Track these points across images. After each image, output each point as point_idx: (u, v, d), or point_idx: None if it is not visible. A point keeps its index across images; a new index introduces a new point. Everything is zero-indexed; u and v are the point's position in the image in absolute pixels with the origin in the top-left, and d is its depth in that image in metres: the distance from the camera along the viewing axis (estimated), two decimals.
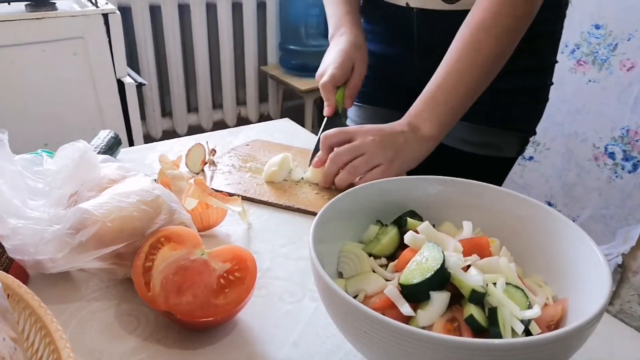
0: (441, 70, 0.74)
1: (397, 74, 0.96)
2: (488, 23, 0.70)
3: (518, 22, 0.71)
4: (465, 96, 0.74)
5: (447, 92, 0.74)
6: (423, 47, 0.90)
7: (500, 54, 0.73)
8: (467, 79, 0.73)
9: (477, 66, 0.72)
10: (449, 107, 0.74)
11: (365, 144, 0.72)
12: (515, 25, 0.71)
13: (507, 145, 0.92)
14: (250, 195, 0.78)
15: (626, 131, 1.77)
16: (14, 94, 1.55)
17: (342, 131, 0.74)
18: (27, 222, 0.53)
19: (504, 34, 0.71)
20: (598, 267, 0.44)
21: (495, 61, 0.73)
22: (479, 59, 0.72)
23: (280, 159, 0.83)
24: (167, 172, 0.70)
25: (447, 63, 0.74)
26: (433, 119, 0.74)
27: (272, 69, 2.66)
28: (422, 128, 0.74)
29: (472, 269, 0.45)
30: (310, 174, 0.82)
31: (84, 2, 1.69)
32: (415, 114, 0.75)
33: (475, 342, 0.36)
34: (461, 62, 0.72)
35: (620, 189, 1.83)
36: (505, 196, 0.54)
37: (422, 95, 0.76)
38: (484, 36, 0.71)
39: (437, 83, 0.74)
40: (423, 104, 0.75)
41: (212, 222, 0.69)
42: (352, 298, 0.39)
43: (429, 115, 0.74)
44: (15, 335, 0.36)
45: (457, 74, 0.73)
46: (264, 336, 0.53)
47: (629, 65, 1.72)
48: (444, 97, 0.74)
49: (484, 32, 0.71)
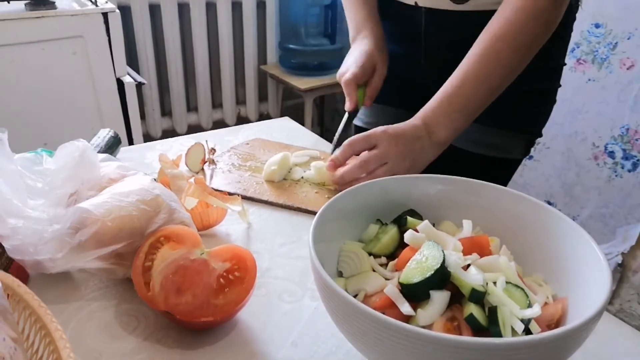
0: (459, 75, 0.75)
1: (405, 73, 0.96)
2: (510, 36, 0.72)
3: (539, 38, 0.73)
4: (481, 104, 0.75)
5: (465, 98, 0.74)
6: (431, 46, 0.90)
7: (518, 65, 0.74)
8: (485, 87, 0.74)
9: (495, 76, 0.74)
10: (465, 113, 0.75)
11: (390, 155, 0.73)
12: (536, 40, 0.73)
13: (514, 146, 0.92)
14: (250, 194, 0.78)
15: (626, 130, 1.77)
16: (13, 93, 1.55)
17: (368, 138, 0.74)
18: (27, 222, 0.53)
19: (524, 48, 0.73)
20: (598, 266, 0.44)
21: (512, 72, 0.75)
22: (497, 69, 0.73)
23: (280, 158, 0.83)
24: (166, 171, 0.70)
25: (466, 69, 0.74)
26: (449, 124, 0.75)
27: (271, 68, 2.65)
28: (437, 132, 0.75)
29: (472, 268, 0.45)
30: (314, 172, 0.81)
31: (84, 1, 1.68)
32: (432, 118, 0.75)
33: (475, 341, 0.36)
34: (480, 70, 0.73)
35: (620, 188, 1.83)
36: (505, 195, 0.54)
37: (437, 97, 0.76)
38: (505, 47, 0.72)
39: (454, 88, 0.75)
40: (439, 108, 0.75)
41: (212, 222, 0.69)
42: (352, 297, 0.39)
43: (445, 120, 0.75)
44: (15, 335, 0.36)
45: (475, 81, 0.74)
46: (264, 336, 0.53)
47: (629, 64, 1.72)
48: (461, 103, 0.75)
49: (506, 43, 0.72)
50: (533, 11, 0.71)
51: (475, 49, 0.74)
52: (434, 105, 0.76)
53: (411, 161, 0.74)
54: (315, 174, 0.82)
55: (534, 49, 0.74)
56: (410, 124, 0.76)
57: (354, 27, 0.94)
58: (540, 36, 0.73)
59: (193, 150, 0.85)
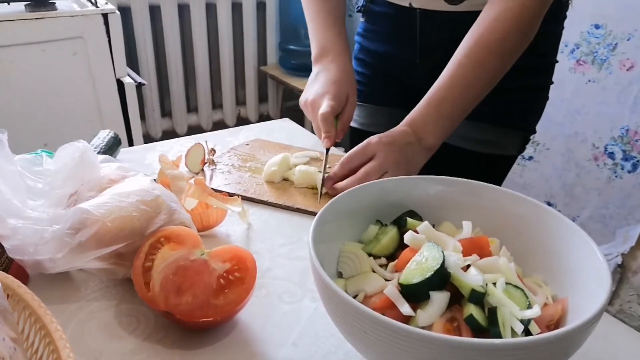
0: (446, 81, 0.75)
1: (399, 73, 0.96)
2: (496, 44, 0.73)
3: (522, 43, 0.75)
4: (467, 108, 0.77)
5: (451, 104, 0.75)
6: (425, 47, 0.90)
7: (502, 70, 0.76)
8: (471, 92, 0.75)
9: (481, 80, 0.75)
10: (452, 119, 0.76)
11: (388, 164, 0.73)
12: (520, 46, 0.75)
13: (508, 142, 0.93)
14: (250, 195, 0.78)
15: (626, 131, 1.77)
16: (13, 94, 1.55)
17: (365, 151, 0.74)
18: (27, 222, 0.53)
19: (508, 55, 0.75)
20: (598, 266, 0.44)
21: (498, 76, 0.76)
22: (483, 75, 0.75)
23: (280, 159, 0.83)
24: (166, 172, 0.70)
25: (452, 74, 0.75)
26: (437, 131, 0.76)
27: (271, 69, 2.66)
28: (425, 139, 0.76)
29: (471, 269, 0.45)
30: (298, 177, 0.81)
31: (84, 2, 1.69)
32: (420, 125, 0.76)
33: (475, 342, 0.36)
34: (466, 77, 0.74)
35: (620, 189, 1.83)
36: (505, 196, 0.54)
37: (425, 103, 0.77)
38: (490, 56, 0.74)
39: (441, 94, 0.76)
40: (427, 115, 0.76)
41: (211, 222, 0.69)
42: (351, 298, 0.39)
43: (433, 127, 0.76)
44: (15, 335, 0.36)
45: (462, 88, 0.75)
46: (264, 336, 0.53)
47: (628, 65, 1.72)
48: (448, 109, 0.75)
49: (491, 52, 0.73)
50: (519, 18, 0.72)
51: (461, 55, 0.75)
52: (422, 111, 0.77)
53: (405, 168, 0.74)
54: (300, 178, 0.81)
55: (519, 53, 0.75)
56: (400, 130, 0.76)
57: (320, 47, 0.89)
58: (524, 42, 0.75)
59: (193, 150, 0.85)
